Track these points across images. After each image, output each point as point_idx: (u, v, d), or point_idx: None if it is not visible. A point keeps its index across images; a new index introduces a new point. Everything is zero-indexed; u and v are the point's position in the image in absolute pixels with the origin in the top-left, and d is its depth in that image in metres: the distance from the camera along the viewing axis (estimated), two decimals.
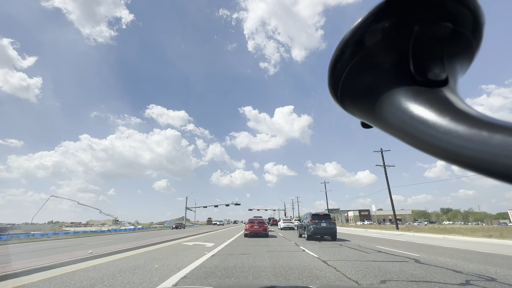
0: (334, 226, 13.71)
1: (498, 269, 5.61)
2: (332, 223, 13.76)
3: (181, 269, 5.43)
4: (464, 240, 14.35)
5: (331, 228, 13.49)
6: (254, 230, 15.15)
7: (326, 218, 13.92)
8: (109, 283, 4.40)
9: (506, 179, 0.18)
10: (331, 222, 13.75)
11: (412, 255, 7.77)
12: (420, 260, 6.70)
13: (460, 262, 6.56)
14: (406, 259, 6.84)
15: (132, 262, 6.61)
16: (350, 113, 0.34)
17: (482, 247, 10.45)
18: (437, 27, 0.25)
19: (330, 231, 13.49)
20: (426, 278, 4.67)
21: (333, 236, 13.67)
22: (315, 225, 13.57)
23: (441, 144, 0.21)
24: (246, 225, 15.65)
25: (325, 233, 13.59)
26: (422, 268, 5.59)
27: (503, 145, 0.18)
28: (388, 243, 12.15)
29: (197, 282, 4.41)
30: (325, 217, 14.00)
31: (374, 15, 0.26)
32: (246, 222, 16.36)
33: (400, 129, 0.25)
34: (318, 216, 14.03)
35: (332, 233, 13.56)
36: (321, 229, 13.51)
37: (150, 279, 4.66)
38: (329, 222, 13.72)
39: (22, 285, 4.48)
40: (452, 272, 5.25)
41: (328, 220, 13.81)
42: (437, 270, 5.43)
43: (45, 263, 5.91)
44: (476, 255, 7.92)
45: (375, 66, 0.29)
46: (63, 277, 4.95)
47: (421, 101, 0.25)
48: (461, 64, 0.28)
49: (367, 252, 8.48)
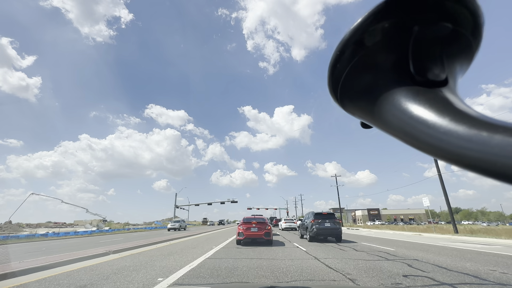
0: (339, 227, 12.67)
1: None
2: (337, 223, 12.64)
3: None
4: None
5: (336, 229, 12.39)
6: (251, 234, 10.50)
7: (330, 218, 12.69)
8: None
9: (506, 179, 0.18)
10: (335, 222, 12.59)
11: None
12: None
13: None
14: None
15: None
16: (350, 113, 0.34)
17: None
18: (436, 27, 0.25)
19: (334, 232, 12.41)
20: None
21: (338, 237, 12.55)
22: (318, 225, 12.40)
23: (441, 144, 0.21)
24: (240, 227, 10.80)
25: (329, 234, 12.48)
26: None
27: (503, 145, 0.18)
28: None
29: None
30: (329, 217, 12.76)
31: (374, 15, 0.26)
32: (240, 222, 11.37)
33: (400, 130, 0.25)
34: (322, 215, 12.80)
35: (337, 234, 12.46)
36: (325, 229, 12.33)
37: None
38: (334, 222, 12.53)
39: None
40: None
41: (332, 220, 12.59)
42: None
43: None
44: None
45: (375, 66, 0.29)
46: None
47: (421, 102, 0.25)
48: (461, 64, 0.28)
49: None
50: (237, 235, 10.75)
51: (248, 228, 10.62)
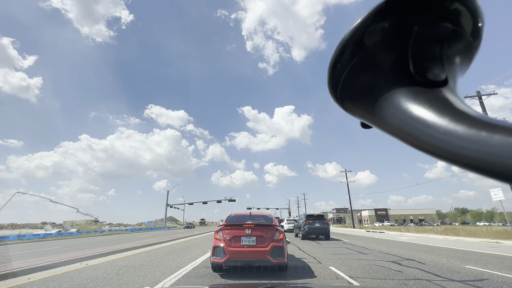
0: (327, 227, 14.69)
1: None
2: (325, 223, 14.54)
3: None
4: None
5: (324, 228, 14.50)
6: (241, 252, 4.99)
7: (319, 219, 14.64)
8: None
9: (505, 179, 0.18)
10: (324, 223, 14.54)
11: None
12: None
13: None
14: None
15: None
16: (350, 113, 0.33)
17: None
18: (436, 27, 0.26)
19: (323, 231, 14.46)
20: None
21: (326, 236, 14.58)
22: (309, 225, 14.30)
23: (441, 144, 0.21)
24: (218, 235, 5.25)
25: (318, 233, 14.28)
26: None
27: (503, 145, 0.18)
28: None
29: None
30: (318, 218, 14.73)
31: (374, 15, 0.26)
32: (221, 224, 5.54)
33: (400, 130, 0.25)
34: (312, 217, 14.79)
35: (326, 233, 14.50)
36: (315, 229, 14.22)
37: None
38: (323, 223, 14.48)
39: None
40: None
41: (321, 221, 14.54)
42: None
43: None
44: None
45: (374, 66, 0.29)
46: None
47: (420, 102, 0.25)
48: (461, 65, 0.28)
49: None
50: (213, 253, 5.14)
51: (237, 238, 5.14)
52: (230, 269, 5.49)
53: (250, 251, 4.99)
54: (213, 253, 5.15)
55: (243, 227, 5.23)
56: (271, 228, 5.25)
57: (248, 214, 6.14)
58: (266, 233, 5.16)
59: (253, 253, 4.97)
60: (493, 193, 17.27)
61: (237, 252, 4.98)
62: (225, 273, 5.40)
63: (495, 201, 16.89)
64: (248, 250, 4.99)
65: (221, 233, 5.22)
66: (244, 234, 5.15)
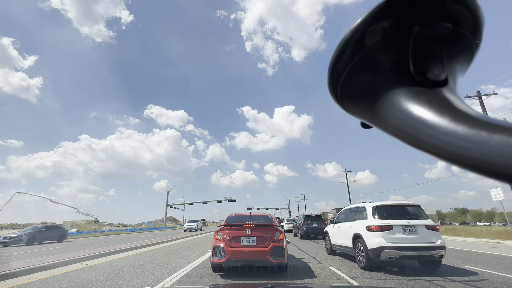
0: (324, 226, 15.18)
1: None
2: (322, 223, 14.98)
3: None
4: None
5: (321, 228, 14.87)
6: (241, 252, 5.01)
7: (317, 219, 15.14)
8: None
9: (505, 179, 0.18)
10: (321, 223, 15.01)
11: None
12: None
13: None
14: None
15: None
16: (350, 113, 0.33)
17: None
18: (436, 27, 0.26)
19: (320, 231, 14.82)
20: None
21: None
22: (307, 225, 14.79)
23: (441, 144, 0.21)
24: (218, 235, 5.28)
25: (316, 233, 14.66)
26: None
27: (503, 145, 0.18)
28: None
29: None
30: (316, 218, 15.22)
31: (374, 15, 0.26)
32: (221, 225, 5.59)
33: (400, 130, 0.25)
34: (310, 217, 15.30)
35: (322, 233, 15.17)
36: (313, 229, 14.69)
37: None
38: (320, 223, 14.95)
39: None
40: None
41: (319, 221, 15.05)
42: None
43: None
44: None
45: (374, 66, 0.29)
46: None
47: (420, 102, 0.25)
48: (461, 65, 0.28)
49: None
50: (213, 253, 5.17)
51: (237, 238, 5.16)
52: (230, 269, 5.46)
53: (250, 251, 5.00)
54: (213, 253, 5.16)
55: (243, 227, 5.25)
56: (271, 228, 5.27)
57: (248, 214, 6.14)
58: (266, 233, 5.18)
59: (253, 253, 4.98)
60: (493, 193, 17.33)
61: (237, 252, 4.99)
62: (225, 273, 5.42)
63: (495, 201, 17.16)
64: (248, 250, 5.01)
65: (221, 233, 5.25)
66: (244, 234, 5.17)
